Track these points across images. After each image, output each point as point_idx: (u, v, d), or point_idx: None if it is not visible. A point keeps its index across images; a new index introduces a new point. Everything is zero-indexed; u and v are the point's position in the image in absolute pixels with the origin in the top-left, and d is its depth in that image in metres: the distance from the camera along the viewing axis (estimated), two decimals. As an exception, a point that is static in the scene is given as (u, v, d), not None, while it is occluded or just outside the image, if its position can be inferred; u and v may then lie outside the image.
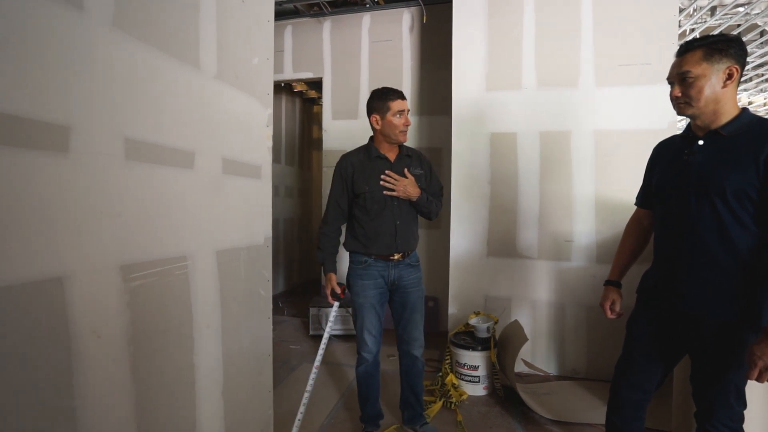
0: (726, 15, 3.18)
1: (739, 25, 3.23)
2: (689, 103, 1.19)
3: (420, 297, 1.87)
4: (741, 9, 3.09)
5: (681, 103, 1.21)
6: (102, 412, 0.96)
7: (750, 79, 4.37)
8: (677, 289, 1.24)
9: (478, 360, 2.40)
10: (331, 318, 1.85)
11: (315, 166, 5.90)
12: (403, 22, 3.53)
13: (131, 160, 1.03)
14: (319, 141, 5.12)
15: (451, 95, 2.86)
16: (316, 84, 4.79)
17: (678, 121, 2.45)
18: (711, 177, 1.16)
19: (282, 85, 4.67)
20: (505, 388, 2.39)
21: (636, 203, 1.51)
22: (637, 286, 1.42)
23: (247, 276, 1.59)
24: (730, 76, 1.15)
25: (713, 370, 1.19)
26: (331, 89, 3.74)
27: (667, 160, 1.33)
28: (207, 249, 1.35)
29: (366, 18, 3.60)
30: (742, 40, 1.18)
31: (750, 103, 5.10)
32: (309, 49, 3.77)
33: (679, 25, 3.18)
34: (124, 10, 1.00)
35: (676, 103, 1.23)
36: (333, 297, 1.82)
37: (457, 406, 2.26)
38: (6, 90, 0.76)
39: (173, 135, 1.19)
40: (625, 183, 2.50)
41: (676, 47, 2.38)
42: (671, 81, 1.24)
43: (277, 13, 3.61)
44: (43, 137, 0.82)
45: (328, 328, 1.82)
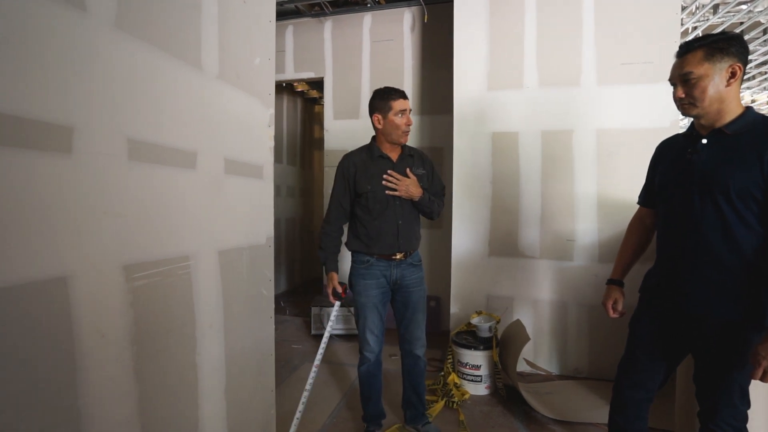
0: (728, 13, 3.16)
1: (741, 22, 3.22)
2: (693, 104, 1.18)
3: (422, 296, 1.87)
4: (744, 6, 3.08)
5: (685, 104, 1.20)
6: (105, 411, 0.96)
7: (753, 77, 4.35)
8: (680, 288, 1.24)
9: (480, 359, 2.40)
10: (332, 317, 1.85)
11: (316, 165, 5.90)
12: (404, 21, 3.53)
13: (134, 161, 1.04)
14: (320, 141, 5.13)
15: (453, 94, 2.86)
16: (318, 84, 4.79)
17: (680, 119, 2.44)
18: (715, 176, 1.15)
19: (283, 85, 4.67)
20: (507, 388, 2.39)
21: (638, 202, 1.51)
22: (639, 285, 1.42)
23: (249, 276, 1.59)
24: (733, 75, 1.14)
25: (717, 369, 1.19)
26: (333, 89, 3.74)
27: (670, 158, 1.32)
28: (209, 249, 1.35)
29: (367, 18, 3.60)
30: (743, 37, 1.17)
31: (753, 101, 5.08)
32: (310, 49, 3.77)
33: (681, 23, 3.17)
34: (126, 10, 1.00)
35: (679, 104, 1.22)
36: (334, 296, 1.82)
37: (459, 405, 2.26)
38: (10, 91, 0.76)
39: (175, 135, 1.19)
40: (627, 182, 2.50)
41: (678, 45, 2.38)
42: (673, 82, 1.23)
43: (279, 13, 3.61)
44: (46, 138, 0.82)
45: (328, 327, 1.82)
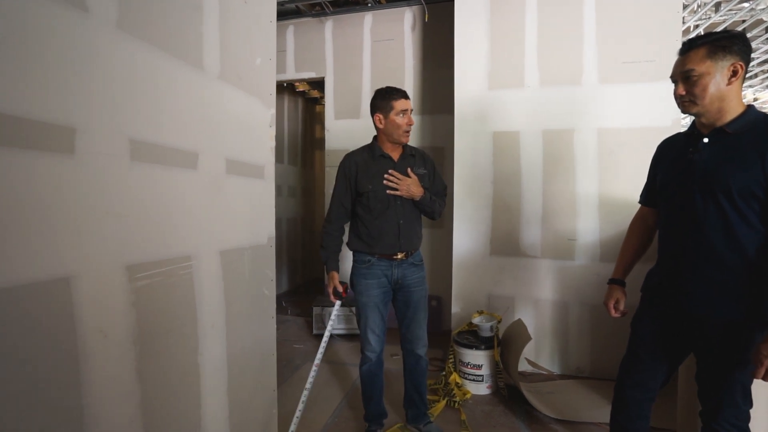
0: (731, 11, 3.15)
1: (744, 20, 3.20)
2: (694, 102, 1.18)
3: (423, 296, 1.87)
4: (746, 4, 3.07)
5: (685, 102, 1.20)
6: (108, 411, 0.97)
7: (755, 75, 4.34)
8: (682, 287, 1.24)
9: (481, 359, 2.40)
10: (332, 316, 1.85)
11: (318, 165, 5.90)
12: (405, 21, 3.53)
13: (136, 161, 1.04)
14: (321, 141, 5.14)
15: (454, 94, 2.85)
16: (319, 84, 4.79)
17: (682, 118, 2.43)
18: (716, 175, 1.15)
19: (284, 85, 4.68)
20: (508, 387, 2.39)
21: (640, 201, 1.51)
22: (641, 285, 1.42)
23: (250, 276, 1.59)
24: (735, 73, 1.13)
25: (719, 369, 1.19)
26: (334, 89, 3.74)
27: (672, 158, 1.32)
28: (211, 249, 1.35)
29: (368, 17, 3.60)
30: (746, 36, 1.16)
31: (755, 99, 5.06)
32: (311, 48, 3.77)
33: (683, 22, 3.17)
34: (127, 11, 1.01)
35: (680, 102, 1.22)
36: (335, 295, 1.82)
37: (461, 405, 2.26)
38: (13, 92, 0.77)
39: (177, 136, 1.19)
40: (628, 181, 2.49)
41: (679, 44, 2.36)
42: (674, 79, 1.23)
43: (279, 13, 3.61)
44: (48, 139, 0.83)
45: (329, 326, 1.82)
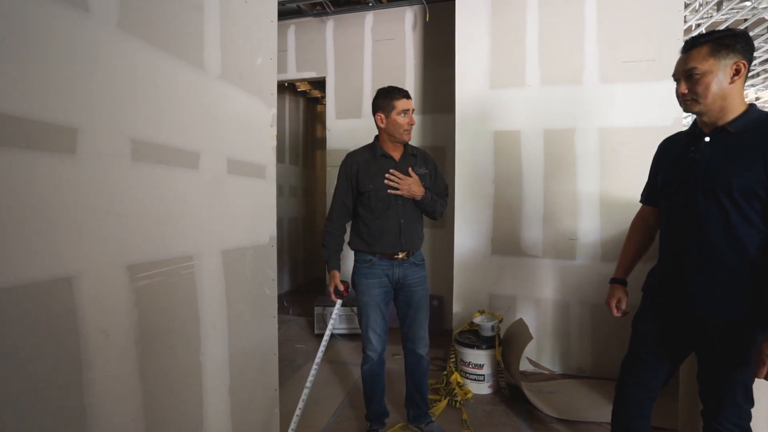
0: (732, 9, 3.14)
1: (746, 19, 3.20)
2: (696, 100, 1.17)
3: (425, 296, 1.87)
4: (748, 3, 3.06)
5: (687, 100, 1.20)
6: (110, 410, 0.97)
7: (757, 74, 4.33)
8: (684, 286, 1.23)
9: (482, 358, 2.40)
10: (333, 316, 1.85)
11: (319, 165, 5.91)
12: (406, 20, 3.53)
13: (137, 161, 1.04)
14: (323, 140, 5.14)
15: (455, 93, 2.85)
16: (320, 83, 4.79)
17: (683, 117, 2.43)
18: (718, 174, 1.14)
19: (285, 84, 4.68)
20: (510, 387, 2.39)
21: (641, 200, 1.50)
22: (642, 284, 1.42)
23: (252, 275, 1.59)
24: (738, 72, 1.13)
25: (721, 368, 1.19)
26: (335, 88, 3.74)
27: (673, 157, 1.32)
28: (212, 249, 1.36)
29: (369, 17, 3.60)
30: (749, 35, 1.16)
31: (757, 98, 5.05)
32: (312, 48, 3.77)
33: (685, 21, 3.16)
34: (128, 11, 1.01)
35: (682, 100, 1.22)
36: (336, 294, 1.82)
37: (462, 404, 2.26)
38: (16, 92, 0.77)
39: (178, 136, 1.20)
40: (630, 180, 2.48)
41: (681, 43, 2.36)
42: (677, 77, 1.22)
43: (280, 13, 3.61)
44: (50, 139, 0.83)
45: (330, 325, 1.82)
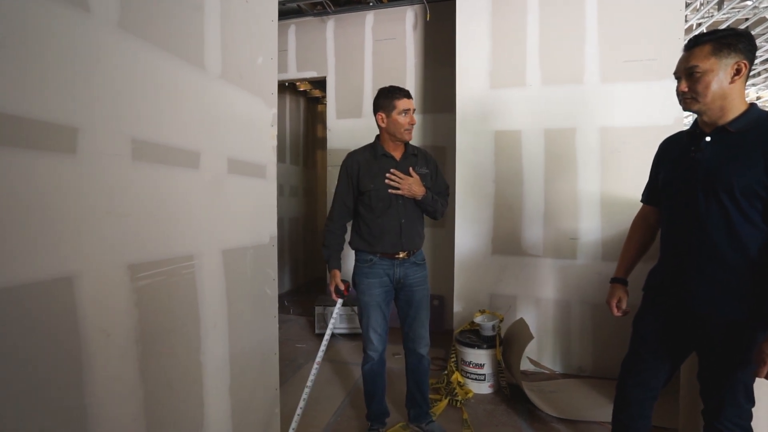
0: (734, 9, 3.14)
1: (747, 19, 3.19)
2: (696, 99, 1.17)
3: (425, 295, 1.87)
4: (749, 2, 3.06)
5: (687, 99, 1.20)
6: (111, 410, 0.97)
7: (758, 73, 4.32)
8: (685, 285, 1.23)
9: (483, 358, 2.40)
10: (334, 315, 1.85)
11: (319, 165, 5.91)
12: (407, 20, 3.53)
13: (138, 161, 1.04)
14: (323, 140, 5.13)
15: (455, 93, 2.85)
16: (320, 83, 4.79)
17: (684, 117, 2.42)
18: (719, 174, 1.14)
19: (286, 84, 4.68)
20: (510, 386, 2.39)
21: (642, 200, 1.50)
22: (643, 284, 1.41)
23: (253, 275, 1.59)
24: (738, 72, 1.13)
25: (721, 368, 1.19)
26: (335, 88, 3.74)
27: (674, 156, 1.32)
28: (213, 248, 1.36)
29: (369, 16, 3.60)
30: (752, 34, 1.16)
31: (758, 98, 5.04)
32: (313, 48, 3.77)
33: (686, 20, 3.15)
34: (129, 11, 1.01)
35: (682, 99, 1.22)
36: (336, 293, 1.82)
37: (463, 404, 2.26)
38: (17, 92, 0.77)
39: (178, 135, 1.20)
40: (630, 180, 2.48)
41: (682, 42, 2.36)
42: (678, 76, 1.22)
43: (281, 13, 3.61)
44: (51, 138, 0.83)
45: (330, 325, 1.82)
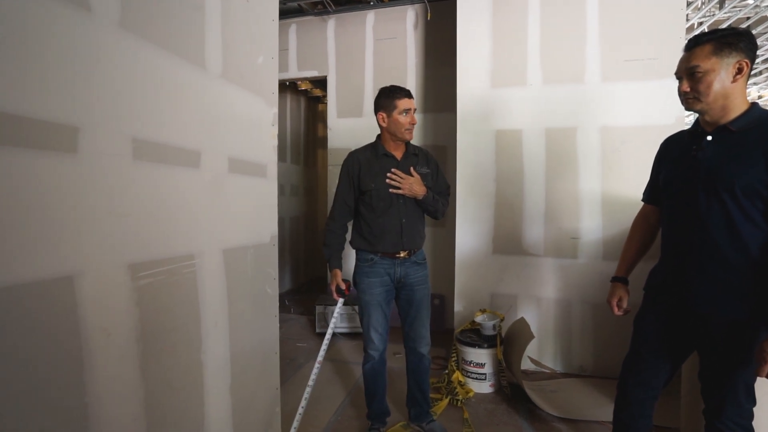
0: (735, 8, 3.13)
1: (748, 17, 3.19)
2: (697, 98, 1.17)
3: (426, 295, 1.87)
4: (750, 1, 3.05)
5: (689, 98, 1.19)
6: (112, 409, 0.97)
7: (760, 72, 4.31)
8: (686, 284, 1.23)
9: (484, 357, 2.40)
10: (335, 314, 1.85)
11: (320, 164, 5.91)
12: (407, 19, 3.52)
13: (138, 160, 1.04)
14: (324, 139, 5.14)
15: (456, 92, 2.85)
16: (321, 82, 4.80)
17: (686, 116, 2.42)
18: (720, 173, 1.14)
19: (287, 83, 4.68)
20: (511, 386, 2.39)
21: (643, 199, 1.50)
22: (644, 283, 1.41)
23: (253, 274, 1.60)
24: (740, 71, 1.12)
25: (722, 367, 1.18)
26: (336, 87, 3.74)
27: (675, 155, 1.31)
28: (213, 248, 1.36)
29: (370, 16, 3.60)
30: (752, 33, 1.16)
31: (760, 97, 5.03)
32: (313, 47, 3.77)
33: (687, 19, 3.15)
34: (130, 11, 1.01)
35: (684, 98, 1.21)
36: (338, 293, 1.82)
37: (464, 403, 2.26)
38: (16, 91, 0.77)
39: (179, 134, 1.20)
40: (631, 179, 2.48)
41: (683, 41, 2.35)
42: (679, 76, 1.22)
43: (282, 12, 3.61)
44: (51, 138, 0.83)
45: (331, 324, 1.83)
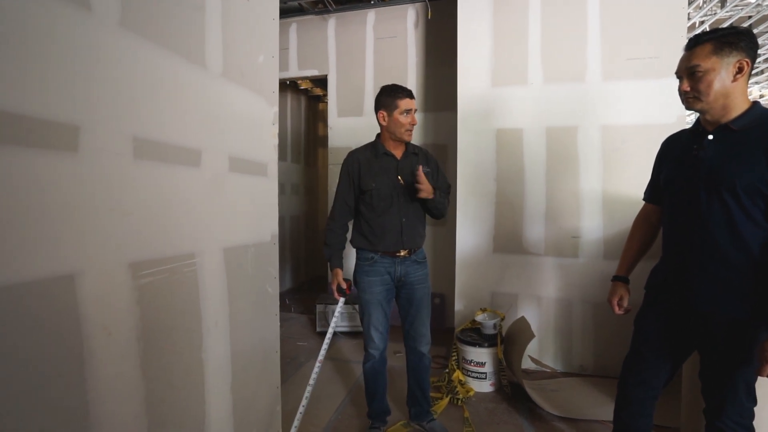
0: (736, 6, 3.12)
1: (750, 16, 3.18)
2: (698, 98, 1.17)
3: (426, 293, 1.87)
4: (752, 0, 3.04)
5: (689, 98, 1.19)
6: (113, 408, 0.98)
7: (761, 71, 4.30)
8: (687, 283, 1.23)
9: (484, 356, 2.40)
10: (335, 314, 1.86)
11: (321, 163, 5.91)
12: (408, 18, 3.52)
13: (139, 159, 1.04)
14: (324, 138, 5.13)
15: (457, 91, 2.84)
16: (322, 81, 4.79)
17: (687, 115, 2.42)
18: (721, 172, 1.14)
19: (287, 82, 4.68)
20: (512, 385, 2.39)
21: (644, 198, 1.50)
22: (644, 282, 1.41)
23: (254, 273, 1.60)
24: (741, 70, 1.12)
25: (723, 366, 1.18)
26: (336, 86, 3.74)
27: (676, 155, 1.31)
28: (214, 246, 1.36)
29: (370, 15, 3.60)
30: (753, 32, 1.15)
31: (761, 96, 5.02)
32: (314, 46, 3.77)
33: (688, 18, 3.14)
34: (130, 10, 1.01)
35: (684, 98, 1.21)
36: (338, 292, 1.83)
37: (464, 402, 2.26)
38: (16, 90, 0.77)
39: (180, 133, 1.20)
40: (632, 178, 2.48)
41: (684, 40, 2.35)
42: (679, 75, 1.22)
43: (282, 11, 3.61)
44: (53, 137, 0.83)
45: (332, 323, 1.83)
